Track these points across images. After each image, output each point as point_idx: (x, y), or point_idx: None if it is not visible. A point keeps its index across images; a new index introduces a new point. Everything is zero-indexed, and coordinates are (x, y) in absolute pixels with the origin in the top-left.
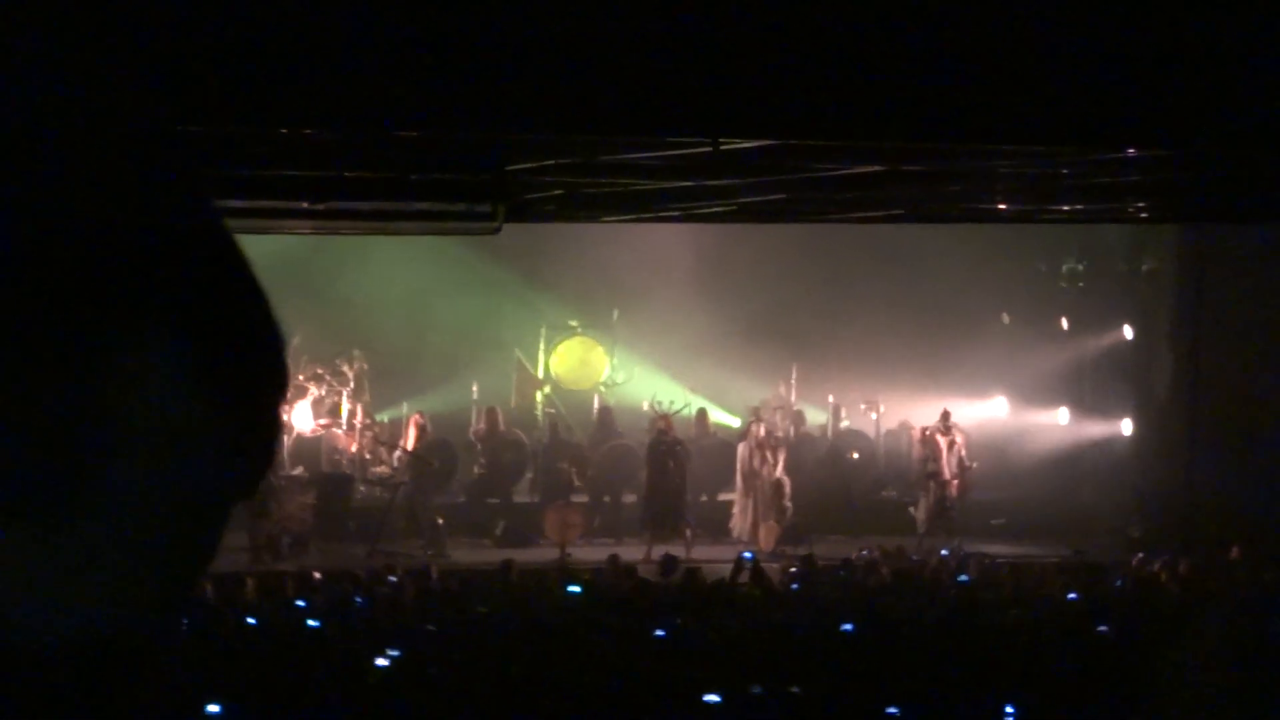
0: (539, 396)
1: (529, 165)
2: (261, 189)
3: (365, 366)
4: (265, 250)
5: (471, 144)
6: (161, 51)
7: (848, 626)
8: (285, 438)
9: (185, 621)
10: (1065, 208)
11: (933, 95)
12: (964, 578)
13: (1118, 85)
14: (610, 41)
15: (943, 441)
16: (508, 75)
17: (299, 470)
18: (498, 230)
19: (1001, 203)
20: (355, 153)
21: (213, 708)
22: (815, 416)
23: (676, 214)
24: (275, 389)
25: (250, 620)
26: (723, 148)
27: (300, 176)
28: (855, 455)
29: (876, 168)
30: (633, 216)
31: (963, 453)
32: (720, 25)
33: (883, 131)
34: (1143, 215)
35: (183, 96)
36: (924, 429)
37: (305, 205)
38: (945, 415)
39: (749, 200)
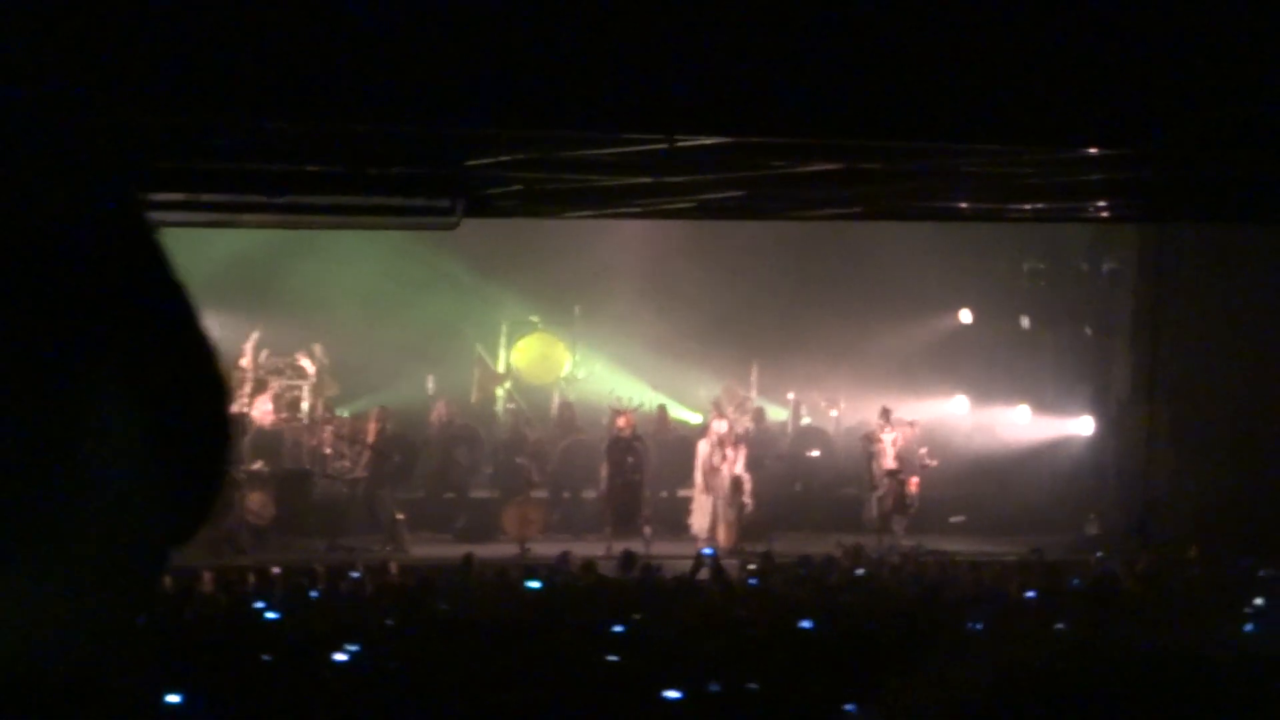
0: (500, 392)
1: (488, 160)
2: (221, 182)
3: (326, 361)
4: (227, 242)
5: (431, 139)
6: (119, 44)
7: (806, 624)
8: (245, 431)
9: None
10: (1027, 206)
11: (891, 93)
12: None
13: (1079, 84)
14: (567, 37)
15: (885, 438)
16: (466, 70)
17: (258, 465)
18: (456, 225)
19: (962, 201)
20: (314, 147)
21: (173, 698)
22: (775, 413)
23: (637, 210)
24: (219, 442)
25: (209, 613)
26: (679, 144)
27: (259, 170)
28: (815, 452)
29: (835, 165)
30: (593, 212)
31: (921, 451)
32: (676, 22)
33: (839, 129)
34: (1104, 215)
35: (141, 89)
36: (881, 427)
37: (264, 199)
38: (885, 412)
39: (708, 197)
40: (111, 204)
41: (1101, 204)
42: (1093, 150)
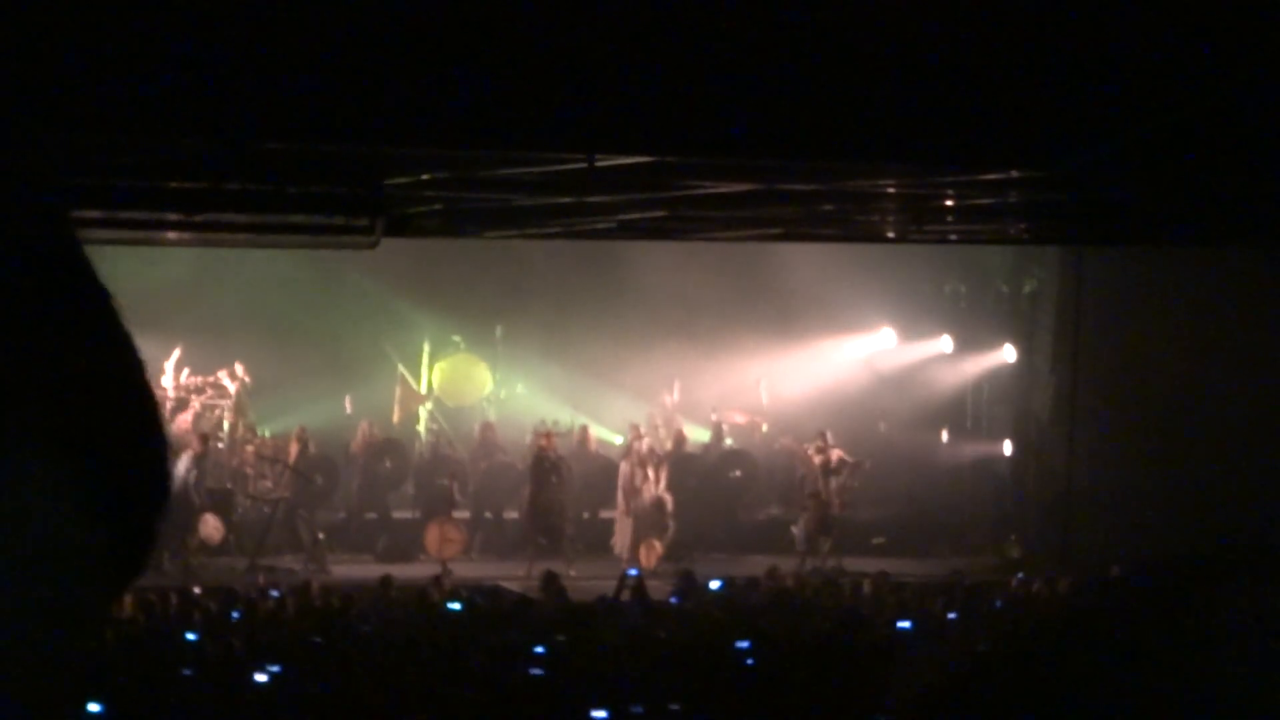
0: (421, 412)
1: (407, 179)
2: (138, 200)
3: (248, 380)
4: (147, 260)
5: (350, 158)
6: (37, 61)
7: (744, 644)
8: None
9: None
10: (948, 228)
11: (810, 114)
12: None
13: (998, 108)
14: (486, 57)
15: (822, 462)
16: (385, 90)
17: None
18: (376, 244)
19: (882, 223)
20: (233, 165)
21: (93, 706)
22: (698, 434)
23: (557, 230)
24: (155, 500)
25: (128, 633)
26: (598, 164)
27: (178, 188)
28: (737, 473)
29: (754, 186)
30: (514, 233)
31: (843, 473)
32: (595, 41)
33: (758, 149)
34: (1024, 237)
35: (59, 106)
36: (804, 448)
37: (183, 217)
38: (823, 435)
39: (629, 217)
40: (35, 222)
41: (1021, 226)
42: (1012, 173)
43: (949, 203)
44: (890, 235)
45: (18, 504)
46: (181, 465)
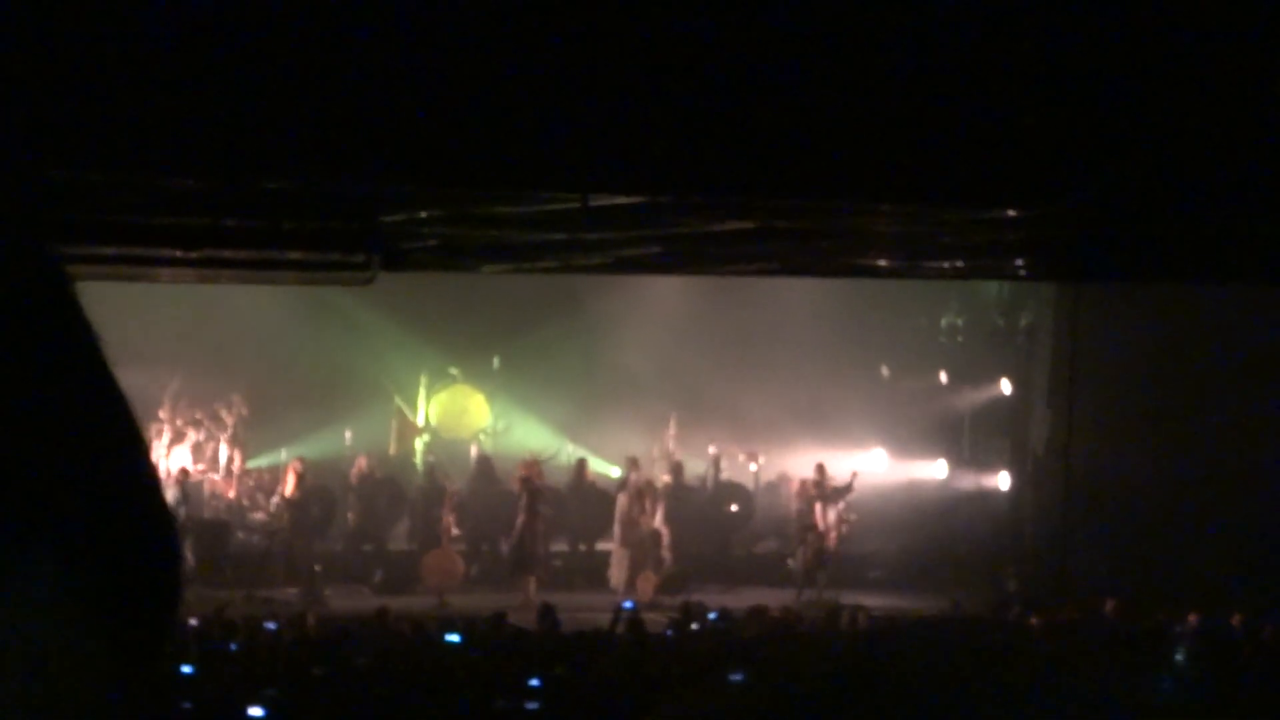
0: (418, 444)
1: (403, 216)
2: (135, 236)
3: (245, 412)
4: (146, 291)
5: (345, 195)
6: (33, 97)
7: (737, 676)
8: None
9: None
10: (944, 264)
11: (805, 154)
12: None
13: (994, 147)
14: (481, 97)
15: (818, 494)
16: (380, 128)
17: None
18: (372, 280)
19: (879, 259)
20: (229, 201)
21: None
22: (695, 467)
23: (554, 265)
24: (167, 610)
25: None
26: (592, 204)
27: (174, 224)
28: (734, 506)
29: (749, 224)
30: (510, 267)
31: (839, 506)
32: (588, 81)
33: (753, 189)
34: (1021, 273)
35: (56, 142)
36: (801, 482)
37: (179, 253)
38: (820, 469)
39: (625, 253)
40: (28, 270)
41: (1019, 263)
42: (1009, 212)
43: (945, 240)
44: (886, 271)
45: (19, 604)
46: (179, 496)
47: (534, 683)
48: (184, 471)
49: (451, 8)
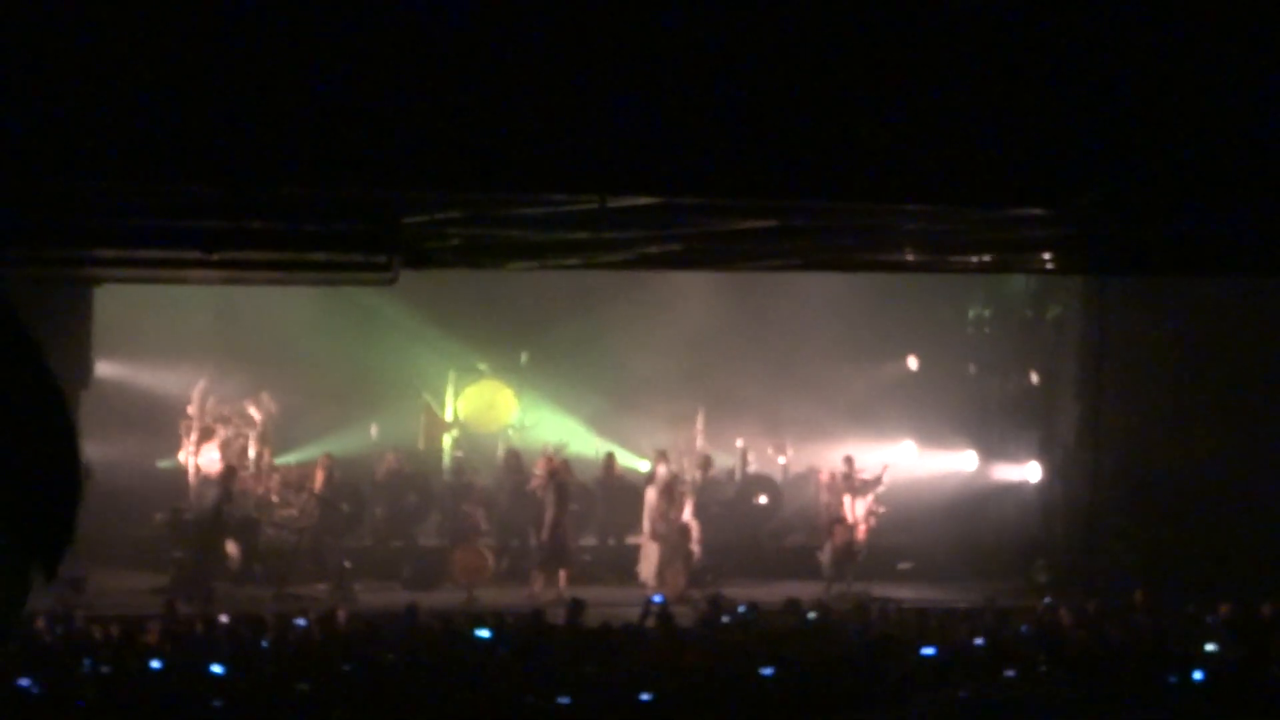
0: (447, 440)
1: (424, 218)
2: (158, 239)
3: (273, 409)
4: (174, 291)
5: (367, 196)
6: (56, 102)
7: (767, 671)
8: (193, 480)
9: (88, 662)
10: (971, 259)
11: (826, 154)
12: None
13: (1019, 145)
14: (499, 100)
15: (847, 487)
16: (400, 133)
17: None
18: (394, 280)
19: (904, 254)
20: (251, 204)
21: None
22: (723, 460)
23: (576, 262)
24: (63, 496)
25: (154, 664)
26: (611, 205)
27: (196, 226)
28: (762, 499)
29: (770, 223)
30: (532, 265)
31: (868, 498)
32: (607, 83)
33: (773, 190)
34: (1048, 268)
35: (79, 146)
36: (829, 474)
37: (201, 255)
38: (849, 461)
39: (648, 250)
40: None
41: (1045, 257)
42: (1034, 209)
43: (970, 237)
44: (912, 265)
45: None
46: (210, 494)
47: (565, 677)
48: (230, 469)
49: (472, 11)
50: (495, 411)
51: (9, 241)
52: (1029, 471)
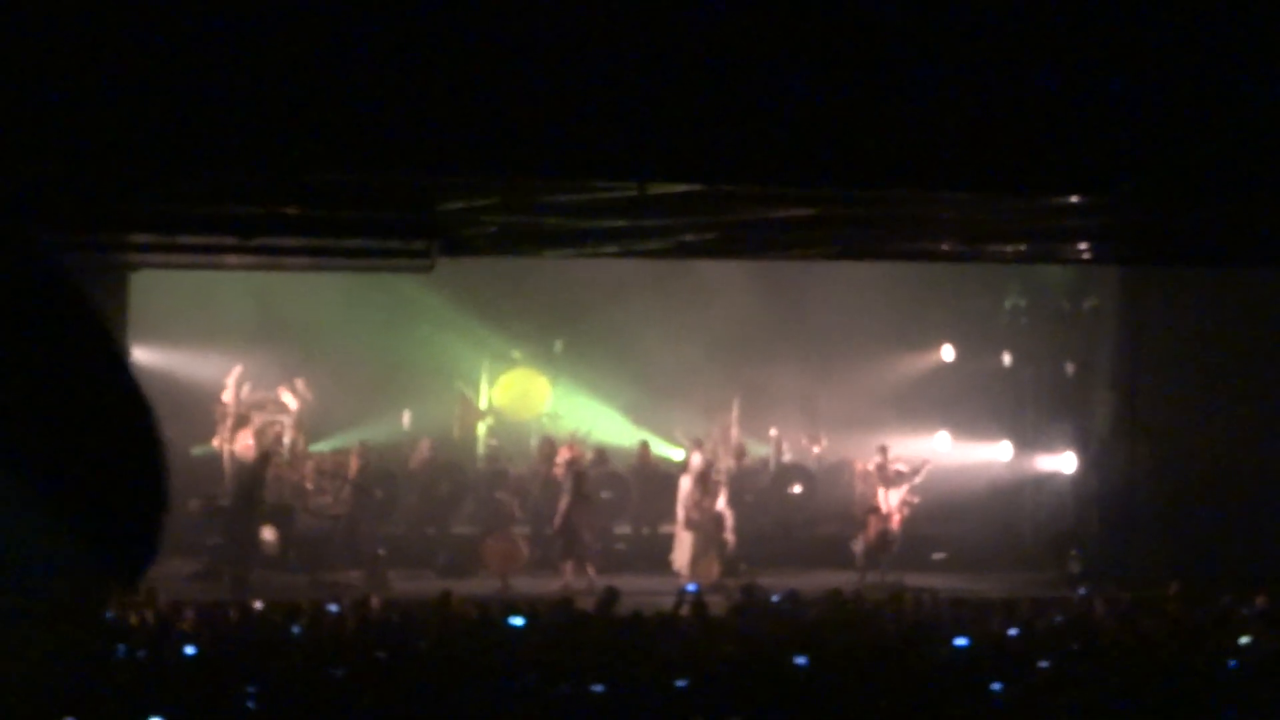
0: (481, 428)
1: (462, 205)
2: (197, 225)
3: (309, 396)
4: (209, 278)
5: (405, 184)
6: (97, 90)
7: (801, 660)
8: (228, 466)
9: (122, 648)
10: (1007, 248)
11: (864, 142)
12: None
13: (1056, 133)
14: (539, 87)
15: (881, 477)
16: (438, 120)
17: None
18: (431, 267)
19: (941, 243)
20: (290, 191)
21: None
22: (757, 450)
23: (613, 250)
24: (150, 510)
25: (189, 650)
26: (650, 192)
27: (235, 213)
28: (797, 489)
29: (808, 211)
30: (569, 253)
31: (903, 488)
32: (647, 71)
33: (811, 178)
34: (1084, 257)
35: (120, 134)
36: (864, 464)
37: (240, 241)
38: (883, 450)
39: (685, 238)
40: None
41: (1081, 247)
42: (1071, 198)
43: (1008, 226)
44: (949, 254)
45: (9, 516)
46: (245, 481)
47: (598, 666)
48: (264, 456)
49: None
50: (529, 399)
51: (47, 227)
52: (1064, 462)
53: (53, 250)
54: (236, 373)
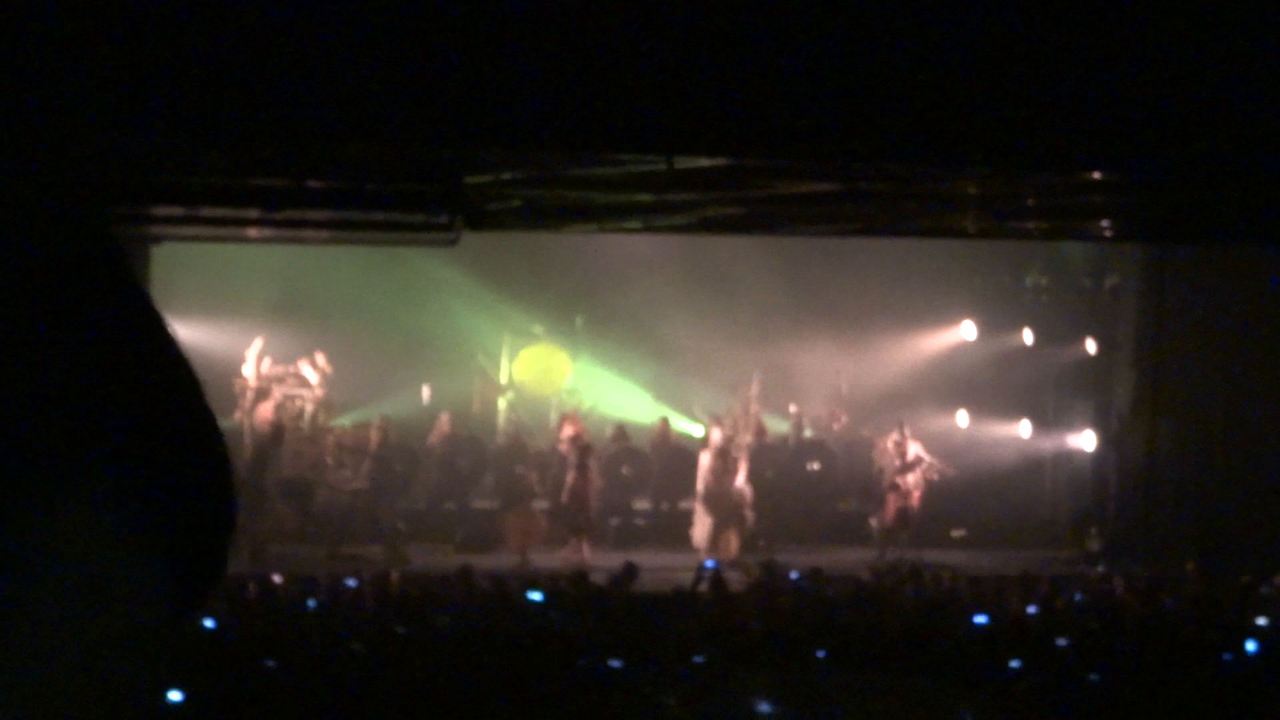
0: (501, 403)
1: (487, 178)
2: (221, 197)
3: (329, 370)
4: (230, 251)
5: (429, 157)
6: (120, 61)
7: (821, 653)
8: (248, 440)
9: None
10: (1029, 225)
11: (890, 117)
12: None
13: (1079, 110)
14: (564, 59)
15: (899, 453)
16: (464, 91)
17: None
18: (456, 241)
19: (963, 220)
20: (314, 163)
21: (174, 695)
22: (777, 426)
23: (637, 225)
24: (221, 527)
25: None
26: (677, 166)
27: (259, 185)
28: (816, 465)
29: (834, 186)
30: (593, 227)
31: (921, 464)
32: (674, 44)
33: (837, 152)
34: (1106, 234)
35: (143, 105)
36: (883, 441)
37: (263, 214)
38: (902, 426)
39: (709, 213)
40: (71, 230)
41: (1104, 224)
42: (1094, 175)
43: (1030, 203)
44: (971, 231)
45: (77, 535)
46: (265, 454)
47: (616, 641)
48: (279, 428)
49: None
50: (550, 375)
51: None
52: (1085, 440)
53: (110, 223)
54: (257, 346)
